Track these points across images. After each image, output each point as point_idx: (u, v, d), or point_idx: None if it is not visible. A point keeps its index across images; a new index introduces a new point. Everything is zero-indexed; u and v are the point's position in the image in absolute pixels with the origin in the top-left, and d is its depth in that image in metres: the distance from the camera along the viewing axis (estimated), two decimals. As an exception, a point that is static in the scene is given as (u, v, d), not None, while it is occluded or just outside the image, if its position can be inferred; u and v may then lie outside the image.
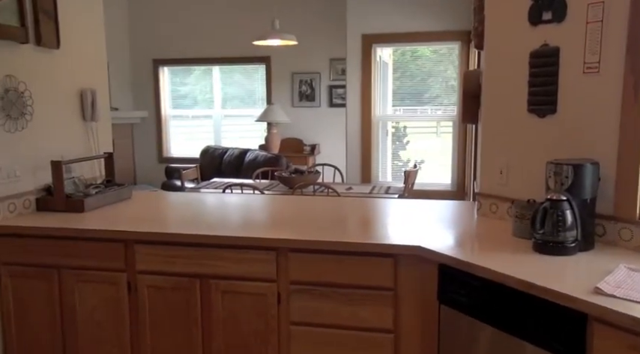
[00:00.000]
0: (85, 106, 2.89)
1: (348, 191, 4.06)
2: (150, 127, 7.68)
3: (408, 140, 6.32)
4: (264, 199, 2.93)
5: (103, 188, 2.82)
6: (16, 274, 2.35)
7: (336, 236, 2.08)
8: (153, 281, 2.23)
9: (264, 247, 2.10)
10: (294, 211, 2.60)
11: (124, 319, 2.28)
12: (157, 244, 2.20)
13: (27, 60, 2.51)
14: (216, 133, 7.64)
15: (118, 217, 2.47)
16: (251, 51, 6.92)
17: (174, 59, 7.42)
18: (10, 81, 2.41)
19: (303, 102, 7.04)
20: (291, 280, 2.10)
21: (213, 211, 2.60)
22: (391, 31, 5.33)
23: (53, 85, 2.68)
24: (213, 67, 7.43)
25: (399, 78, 5.96)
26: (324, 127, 7.01)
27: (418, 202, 2.82)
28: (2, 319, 2.40)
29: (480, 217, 2.41)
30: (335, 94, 6.90)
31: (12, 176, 2.44)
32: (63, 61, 2.73)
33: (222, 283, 2.16)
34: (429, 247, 1.93)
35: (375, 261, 2.01)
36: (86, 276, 2.29)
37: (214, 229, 2.21)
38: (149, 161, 7.75)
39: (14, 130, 2.45)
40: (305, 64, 6.93)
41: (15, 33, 2.41)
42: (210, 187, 4.35)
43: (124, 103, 7.57)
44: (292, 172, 4.15)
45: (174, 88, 7.70)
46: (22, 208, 2.50)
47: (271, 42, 4.67)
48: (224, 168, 6.42)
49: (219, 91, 7.52)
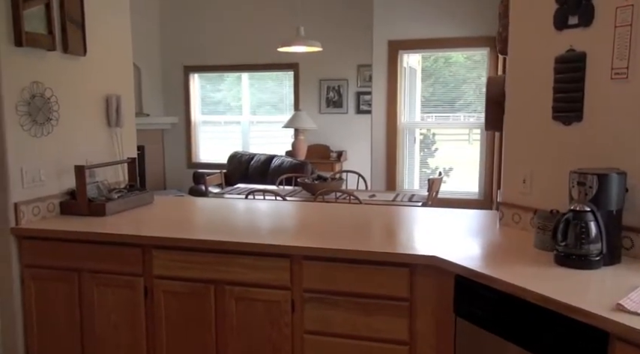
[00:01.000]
0: (110, 111, 2.95)
1: (370, 199, 4.01)
2: (180, 132, 7.81)
3: (437, 147, 6.22)
4: (284, 206, 2.92)
5: (125, 193, 2.86)
6: (39, 276, 2.41)
7: (352, 244, 2.04)
8: (169, 286, 2.24)
9: (278, 254, 2.08)
10: (313, 218, 2.58)
11: (140, 323, 2.30)
12: (173, 250, 2.21)
13: (53, 67, 2.57)
14: (245, 139, 7.70)
15: (137, 221, 2.50)
16: (279, 58, 6.96)
17: (205, 66, 7.53)
18: (36, 87, 2.47)
19: (330, 108, 7.03)
20: (305, 288, 2.07)
21: (232, 217, 2.60)
22: (417, 37, 5.27)
23: (79, 91, 2.74)
24: (242, 74, 7.51)
25: (432, 84, 5.88)
26: (351, 134, 6.98)
27: (440, 211, 2.76)
28: (25, 319, 2.46)
29: (502, 227, 2.34)
30: (362, 100, 6.86)
31: (37, 180, 2.50)
32: (89, 67, 2.79)
33: (236, 290, 2.15)
34: (445, 257, 1.88)
35: (391, 270, 1.96)
36: (105, 279, 2.32)
37: (230, 235, 2.21)
38: (178, 166, 7.87)
39: (40, 135, 2.51)
40: (332, 71, 6.93)
41: (42, 41, 2.48)
42: (233, 192, 4.38)
43: (155, 108, 7.73)
44: (315, 179, 4.13)
45: (204, 94, 7.81)
46: (46, 211, 2.56)
47: (296, 49, 4.68)
48: (250, 174, 6.46)
49: (247, 97, 7.59)
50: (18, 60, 2.37)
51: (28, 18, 2.39)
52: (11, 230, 2.39)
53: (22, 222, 2.41)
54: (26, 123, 2.43)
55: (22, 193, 2.42)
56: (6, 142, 2.34)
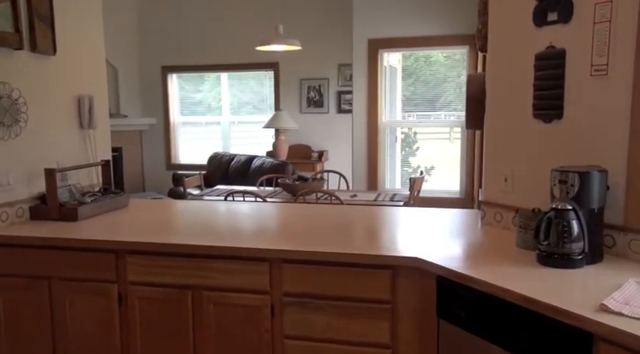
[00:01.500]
0: (82, 113, 2.85)
1: (352, 199, 3.97)
2: (158, 133, 7.68)
3: (418, 146, 6.21)
4: (264, 207, 2.86)
5: (99, 196, 2.77)
6: (5, 285, 2.31)
7: (333, 247, 2.00)
8: (144, 292, 2.16)
9: (256, 258, 2.03)
10: (293, 220, 2.53)
11: (114, 331, 2.22)
12: (147, 255, 2.14)
13: (21, 66, 2.47)
14: (225, 139, 7.61)
15: (111, 226, 2.42)
16: (259, 57, 6.88)
17: (183, 66, 7.42)
18: (3, 88, 2.37)
19: (311, 108, 6.98)
20: (285, 292, 2.02)
21: (210, 220, 2.54)
22: (398, 36, 5.25)
23: (49, 91, 2.64)
24: (222, 74, 7.42)
25: (413, 83, 5.87)
26: (332, 134, 6.94)
27: (422, 211, 2.73)
28: (-7, 330, 2.35)
29: (484, 226, 2.31)
30: (343, 100, 6.82)
31: (5, 184, 2.41)
32: (59, 67, 2.70)
33: (213, 295, 2.09)
34: (426, 258, 1.84)
35: (372, 273, 1.92)
36: (77, 287, 2.23)
37: (207, 239, 2.14)
38: (158, 168, 7.74)
39: (7, 138, 2.41)
40: (313, 70, 6.88)
41: (9, 39, 2.38)
42: (213, 194, 4.30)
43: (132, 110, 7.58)
44: (296, 180, 4.07)
45: (182, 94, 7.70)
46: (14, 217, 2.46)
47: (275, 48, 4.61)
48: (231, 174, 6.38)
49: (227, 97, 7.50)
50: (-18, 59, 2.27)
51: (-8, 15, 2.30)
52: (-23, 237, 2.29)
53: (-12, 228, 2.31)
54: (-8, 125, 2.33)
55: (-12, 198, 2.33)
56: (-30, 145, 2.24)
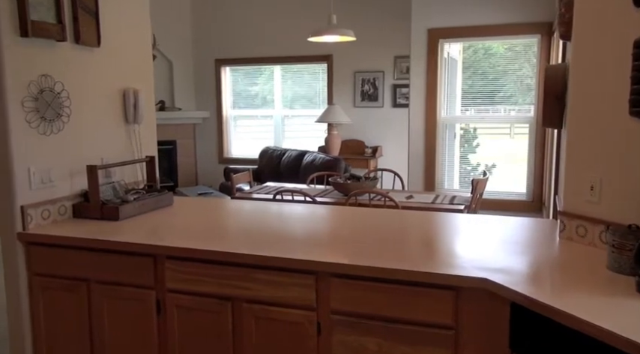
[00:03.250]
0: (128, 107, 2.75)
1: (408, 200, 3.70)
2: (211, 127, 7.66)
3: (478, 143, 5.83)
4: (313, 210, 2.66)
5: (142, 194, 2.66)
6: (47, 285, 2.23)
7: (388, 261, 1.77)
8: (182, 301, 2.02)
9: (302, 270, 1.83)
10: (343, 226, 2.31)
11: (152, 340, 2.09)
12: (186, 261, 1.99)
13: (64, 59, 2.38)
14: (277, 133, 7.48)
15: (151, 227, 2.29)
16: (313, 50, 6.69)
17: (236, 59, 7.34)
18: (45, 81, 2.29)
19: (365, 102, 6.72)
20: (333, 310, 1.81)
21: (254, 223, 2.36)
22: (460, 25, 4.90)
23: (93, 85, 2.55)
24: (275, 67, 7.28)
25: (471, 76, 5.50)
26: (387, 129, 6.66)
27: (488, 219, 2.44)
28: (33, 332, 2.29)
29: (563, 240, 2.01)
30: (399, 93, 6.52)
31: (46, 181, 2.32)
32: (104, 59, 2.59)
33: (255, 308, 1.91)
34: (497, 280, 1.58)
35: (432, 293, 1.68)
36: (114, 291, 2.12)
37: (249, 246, 1.96)
38: (210, 161, 7.73)
39: (49, 133, 2.33)
40: (368, 63, 6.61)
41: (51, 30, 2.29)
42: (261, 191, 4.14)
43: (186, 103, 7.60)
44: (348, 178, 3.85)
45: (235, 87, 7.63)
46: (57, 214, 2.38)
47: (327, 38, 4.39)
48: (282, 170, 6.24)
49: (280, 90, 7.36)
50: (24, 52, 2.18)
51: (34, 6, 2.20)
52: (18, 235, 2.21)
53: (29, 226, 2.23)
54: (34, 120, 2.25)
55: (29, 195, 2.25)
56: (11, 141, 2.16)
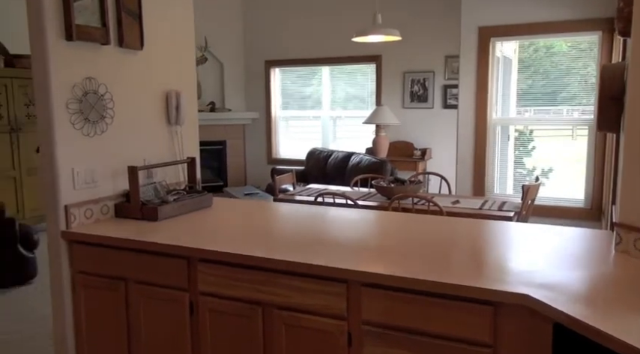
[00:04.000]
0: (170, 109, 2.78)
1: (453, 205, 3.56)
2: (260, 128, 7.73)
3: (535, 146, 5.56)
4: (352, 214, 2.59)
5: (183, 195, 2.68)
6: (88, 283, 2.28)
7: (423, 272, 1.68)
8: (214, 304, 2.01)
9: (332, 278, 1.77)
10: (382, 232, 2.24)
11: (185, 342, 2.09)
12: (217, 264, 1.97)
13: (108, 61, 2.43)
14: (325, 134, 7.46)
15: (188, 229, 2.30)
16: (361, 50, 6.62)
17: (286, 60, 7.37)
18: (89, 83, 2.34)
19: (414, 103, 6.58)
20: (365, 320, 1.74)
21: (290, 227, 2.33)
22: (514, 23, 4.68)
23: (136, 87, 2.59)
24: (323, 68, 7.26)
25: (531, 76, 5.25)
26: (437, 130, 6.48)
27: (537, 229, 2.29)
28: (75, 327, 2.35)
29: (618, 254, 1.85)
30: (450, 94, 6.33)
31: (89, 181, 2.38)
32: (147, 62, 2.64)
33: (285, 315, 1.87)
34: (540, 297, 1.46)
35: (469, 308, 1.58)
36: (150, 292, 2.14)
37: (280, 251, 1.92)
38: (259, 162, 7.81)
39: (93, 134, 2.38)
40: (418, 63, 6.46)
41: (96, 34, 2.34)
42: (304, 193, 4.11)
43: (236, 104, 7.71)
44: (391, 182, 3.75)
45: (284, 88, 7.67)
46: (99, 213, 2.43)
47: (372, 38, 4.30)
48: (328, 171, 6.20)
49: (328, 91, 7.33)
50: (69, 55, 2.25)
51: (79, 10, 2.26)
52: (61, 234, 2.28)
53: (72, 225, 2.30)
54: (78, 121, 2.31)
55: (73, 194, 2.31)
56: (55, 142, 2.23)
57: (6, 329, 3.29)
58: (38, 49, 2.18)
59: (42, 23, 2.15)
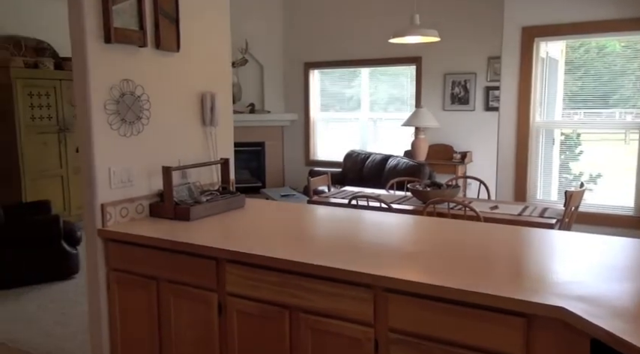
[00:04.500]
0: (205, 110, 2.81)
1: (491, 211, 3.45)
2: (299, 129, 7.76)
3: (582, 150, 5.33)
4: (385, 217, 2.54)
5: (216, 195, 2.71)
6: (122, 280, 2.33)
7: (451, 279, 1.62)
8: (242, 305, 2.01)
9: (357, 283, 1.73)
10: (414, 237, 2.18)
11: (213, 342, 2.10)
12: (246, 265, 1.97)
13: (145, 63, 2.48)
14: (363, 136, 7.41)
15: (219, 229, 2.31)
16: (401, 52, 6.54)
17: (325, 62, 7.37)
18: (126, 85, 2.40)
19: (455, 105, 6.44)
20: (392, 328, 1.70)
21: (320, 230, 2.31)
22: (560, 22, 4.50)
23: (172, 88, 2.63)
24: (362, 69, 7.21)
25: (581, 77, 5.03)
26: (478, 133, 6.33)
27: (580, 237, 2.18)
28: (110, 323, 2.40)
29: (666, 267, 1.73)
30: (492, 96, 6.17)
31: (125, 181, 2.43)
32: (183, 64, 2.67)
33: (311, 319, 1.85)
34: (576, 310, 1.38)
35: (501, 319, 1.51)
36: (181, 291, 2.16)
37: (308, 254, 1.90)
38: (297, 163, 7.84)
39: (129, 135, 2.44)
40: (459, 64, 6.33)
41: (133, 37, 2.39)
42: (338, 196, 4.08)
43: (276, 105, 7.77)
44: (427, 185, 3.67)
45: (323, 90, 7.67)
46: (134, 212, 2.48)
47: (409, 39, 4.22)
48: (365, 174, 6.15)
49: (367, 93, 7.28)
50: (107, 57, 2.30)
51: (118, 13, 2.31)
52: (98, 232, 2.34)
53: (108, 224, 2.35)
54: (115, 122, 2.36)
55: (109, 193, 2.36)
56: (93, 142, 2.29)
57: (49, 323, 3.42)
58: (78, 52, 2.25)
59: (82, 26, 2.21)
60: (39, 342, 3.12)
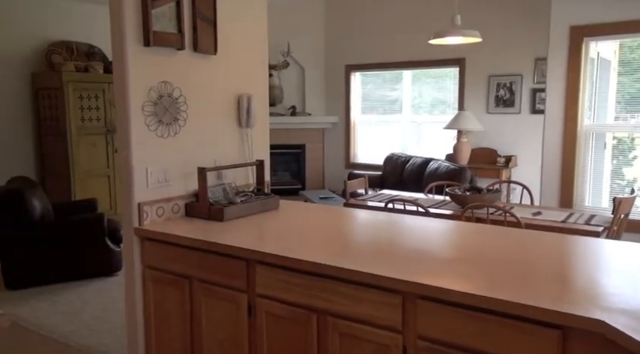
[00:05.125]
0: (241, 112, 2.84)
1: (534, 217, 3.32)
2: (339, 132, 7.74)
3: (636, 155, 5.07)
4: (422, 222, 2.49)
5: (250, 197, 2.72)
6: (157, 279, 2.38)
7: (485, 287, 1.56)
8: (271, 307, 2.00)
9: (387, 289, 1.70)
10: (450, 242, 2.12)
11: (243, 343, 2.11)
12: (275, 267, 1.97)
13: (183, 66, 2.53)
14: (404, 139, 7.31)
15: (251, 230, 2.32)
16: (444, 53, 6.42)
17: (366, 64, 7.32)
18: (164, 87, 2.45)
19: (499, 108, 6.26)
20: (421, 335, 1.65)
21: (353, 233, 2.28)
22: (613, 20, 4.29)
23: (209, 90, 2.67)
24: (404, 72, 7.12)
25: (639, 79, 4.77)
26: (523, 137, 6.12)
27: (629, 247, 2.06)
28: (145, 320, 2.45)
29: None
30: (539, 98, 5.95)
31: (162, 181, 2.48)
32: (219, 66, 2.71)
33: (339, 323, 1.82)
34: (618, 324, 1.30)
35: (535, 330, 1.44)
36: (212, 291, 2.18)
37: (338, 257, 1.88)
38: (337, 166, 7.82)
39: (167, 136, 2.48)
40: (504, 66, 6.14)
41: (171, 40, 2.44)
42: (375, 199, 4.03)
43: (316, 108, 7.78)
44: (467, 190, 3.57)
45: (364, 93, 7.62)
46: (170, 212, 2.53)
47: (450, 40, 4.11)
48: (405, 177, 6.06)
49: (409, 96, 7.18)
50: (146, 60, 2.36)
51: (157, 17, 2.36)
52: (134, 230, 2.39)
53: (145, 222, 2.40)
54: (152, 123, 2.41)
55: (146, 193, 2.42)
56: (131, 143, 2.34)
57: (91, 317, 3.53)
58: (118, 55, 2.31)
59: (122, 30, 2.27)
60: (80, 335, 3.23)
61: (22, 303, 3.76)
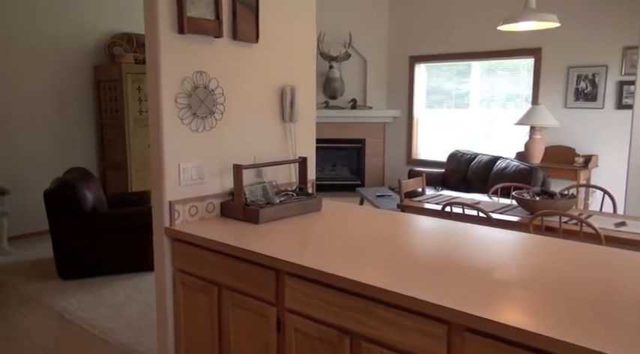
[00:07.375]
0: (284, 105, 2.64)
1: (616, 228, 2.88)
2: (401, 126, 7.40)
3: None
4: (481, 231, 2.17)
5: (290, 197, 2.52)
6: (186, 282, 2.23)
7: (546, 323, 1.26)
8: (301, 324, 1.79)
9: (429, 316, 1.43)
10: (511, 261, 1.81)
11: (271, 359, 1.91)
12: (307, 281, 1.75)
13: (220, 55, 2.35)
14: (471, 135, 6.85)
15: (286, 236, 2.11)
16: (517, 43, 5.92)
17: (432, 55, 6.93)
18: (200, 77, 2.28)
19: (579, 102, 5.68)
20: (468, 375, 1.37)
21: (399, 243, 2.01)
22: None
23: (249, 82, 2.48)
24: (473, 63, 6.66)
25: None
26: (606, 134, 5.53)
27: None
28: (175, 324, 2.32)
29: None
30: (627, 92, 5.34)
31: (195, 178, 2.33)
32: (261, 56, 2.51)
33: (375, 350, 1.58)
34: None
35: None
36: (240, 301, 2.00)
37: (377, 274, 1.63)
38: (398, 162, 7.49)
39: (201, 130, 2.32)
40: (587, 56, 5.56)
41: (208, 27, 2.27)
42: (432, 201, 3.71)
43: (378, 101, 7.48)
44: (537, 194, 3.17)
45: (429, 86, 7.22)
46: (204, 211, 2.37)
47: (522, 26, 3.65)
48: (470, 176, 5.65)
49: (478, 89, 6.71)
50: (180, 48, 2.20)
51: (192, 2, 2.20)
52: (165, 230, 2.26)
53: (176, 222, 2.26)
54: (186, 116, 2.26)
55: (178, 191, 2.27)
56: (163, 137, 2.20)
57: (133, 314, 3.48)
58: (151, 43, 2.17)
59: (155, 16, 2.12)
60: (119, 333, 3.17)
61: (70, 294, 3.79)
